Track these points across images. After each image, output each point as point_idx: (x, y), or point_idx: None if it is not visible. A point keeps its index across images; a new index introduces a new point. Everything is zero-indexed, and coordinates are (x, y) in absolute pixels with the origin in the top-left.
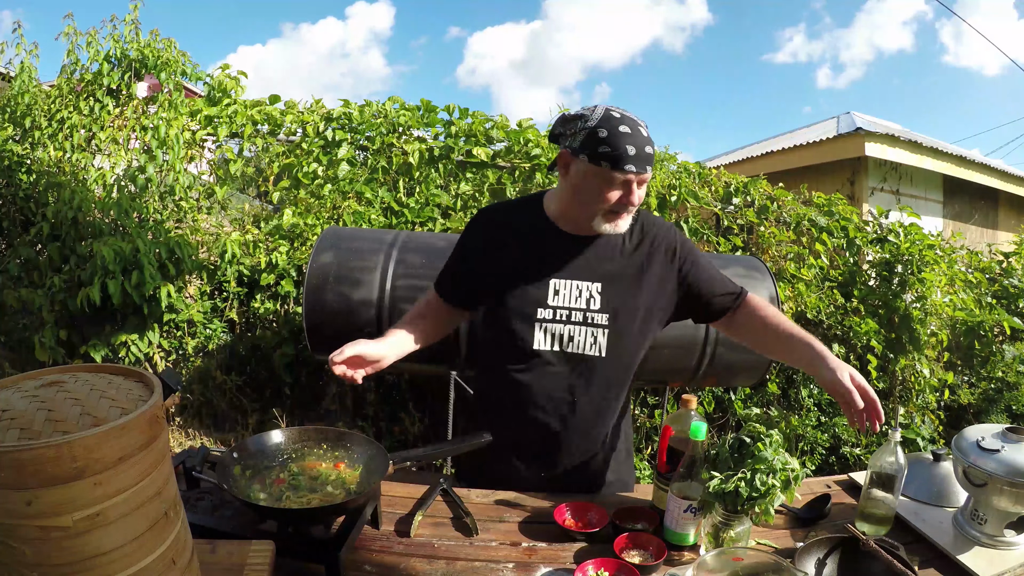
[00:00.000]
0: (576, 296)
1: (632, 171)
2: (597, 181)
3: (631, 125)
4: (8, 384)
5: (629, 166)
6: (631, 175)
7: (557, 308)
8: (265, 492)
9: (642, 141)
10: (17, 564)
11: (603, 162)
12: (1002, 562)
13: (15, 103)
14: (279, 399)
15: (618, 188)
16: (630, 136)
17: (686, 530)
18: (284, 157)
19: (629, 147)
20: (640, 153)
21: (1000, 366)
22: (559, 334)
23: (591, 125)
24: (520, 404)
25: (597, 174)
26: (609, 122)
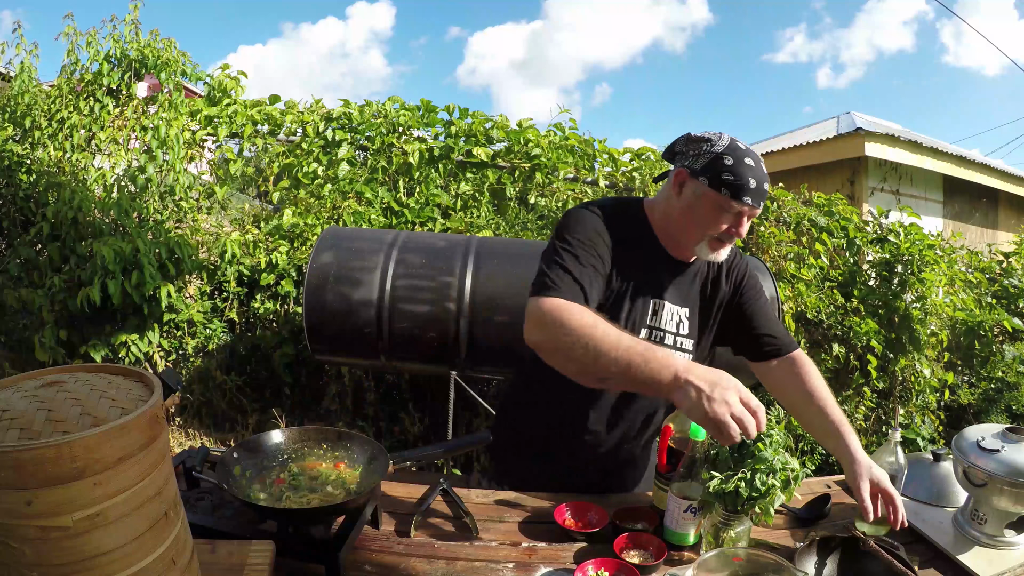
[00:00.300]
0: (669, 319)
1: (748, 203)
2: (712, 206)
3: (755, 159)
4: (8, 384)
5: (747, 198)
6: (746, 207)
7: (653, 328)
8: (265, 492)
9: (763, 176)
10: (17, 564)
11: (724, 189)
12: (1002, 562)
13: (15, 103)
14: (279, 399)
15: (730, 217)
16: (753, 169)
17: (686, 530)
18: (284, 157)
19: (751, 179)
20: (759, 188)
21: (1000, 366)
22: None
23: (717, 150)
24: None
25: (714, 200)
26: (735, 151)
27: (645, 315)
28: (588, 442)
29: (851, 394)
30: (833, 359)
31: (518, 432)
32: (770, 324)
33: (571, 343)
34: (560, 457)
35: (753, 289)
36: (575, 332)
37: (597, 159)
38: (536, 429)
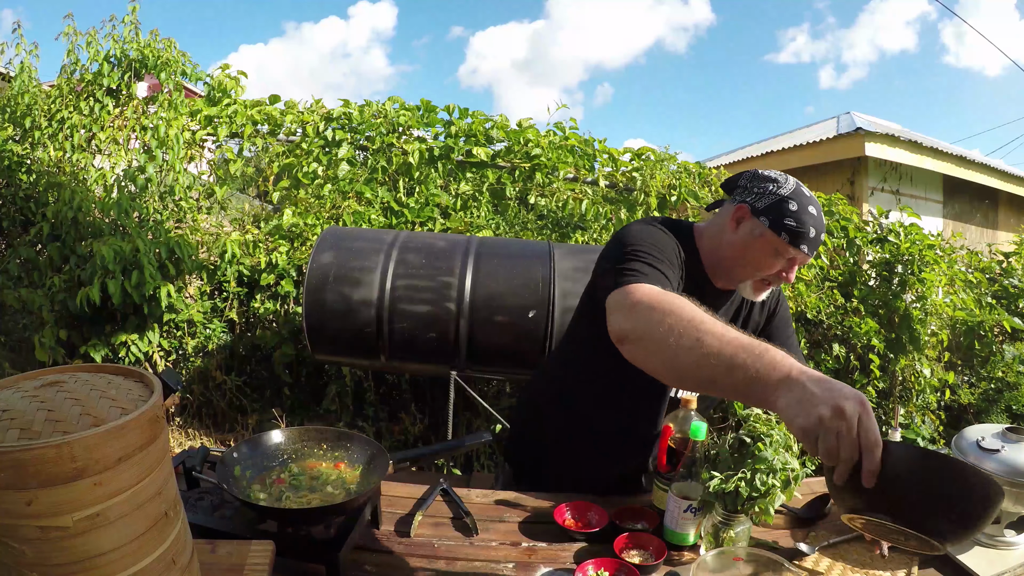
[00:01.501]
0: None
1: (805, 251)
2: (768, 248)
3: (817, 208)
4: (8, 384)
5: (804, 246)
6: (801, 255)
7: None
8: (265, 492)
9: (822, 226)
10: (17, 564)
11: (783, 233)
12: (1002, 562)
13: (15, 103)
14: (279, 399)
15: (783, 262)
16: (815, 218)
17: (686, 530)
18: (284, 157)
19: (812, 228)
20: (818, 237)
21: (1000, 366)
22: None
23: (783, 193)
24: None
25: (771, 242)
26: (800, 198)
27: None
28: (611, 445)
29: None
30: (833, 359)
31: (540, 435)
32: (790, 349)
33: (667, 330)
34: (582, 460)
35: (783, 320)
36: (675, 318)
37: (597, 159)
38: (559, 432)
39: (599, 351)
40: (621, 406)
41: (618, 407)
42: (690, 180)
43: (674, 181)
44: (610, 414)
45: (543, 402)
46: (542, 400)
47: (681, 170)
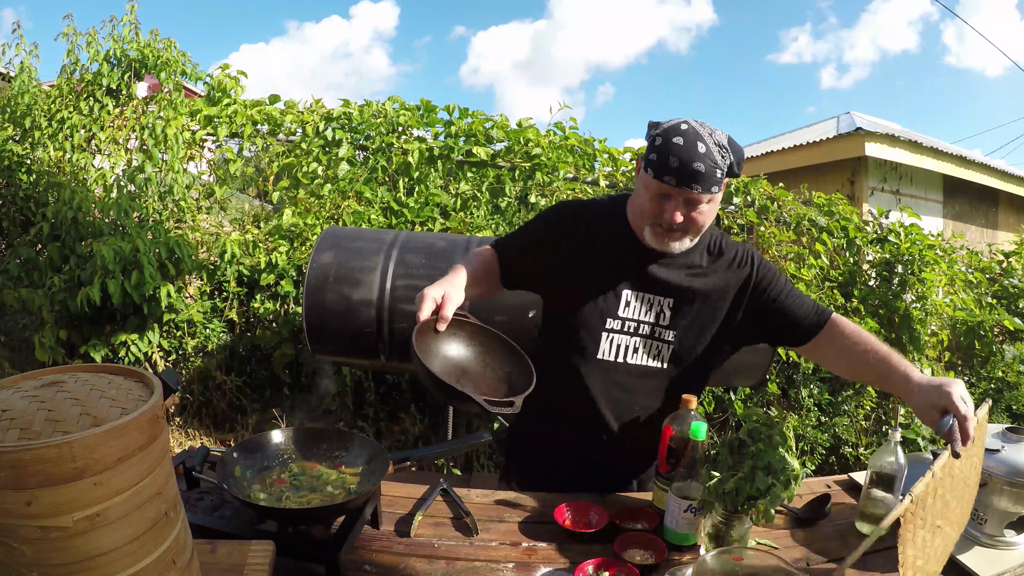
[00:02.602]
0: (647, 310)
1: (670, 183)
2: (644, 190)
3: (690, 139)
4: (8, 384)
5: (668, 177)
6: (669, 188)
7: (626, 320)
8: (265, 492)
9: (692, 156)
10: (17, 564)
11: (648, 169)
12: (1002, 562)
13: (15, 103)
14: (279, 399)
15: (658, 200)
16: (680, 148)
17: (686, 530)
18: (284, 157)
19: (673, 158)
20: (685, 167)
21: (1000, 366)
22: (624, 346)
23: (656, 132)
24: (574, 404)
25: (644, 182)
26: (670, 132)
27: (616, 307)
28: (590, 436)
29: (851, 394)
30: None
31: (527, 428)
32: (802, 305)
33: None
34: (568, 453)
35: (771, 277)
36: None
37: (597, 159)
38: (541, 424)
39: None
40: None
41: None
42: None
43: None
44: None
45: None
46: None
47: None
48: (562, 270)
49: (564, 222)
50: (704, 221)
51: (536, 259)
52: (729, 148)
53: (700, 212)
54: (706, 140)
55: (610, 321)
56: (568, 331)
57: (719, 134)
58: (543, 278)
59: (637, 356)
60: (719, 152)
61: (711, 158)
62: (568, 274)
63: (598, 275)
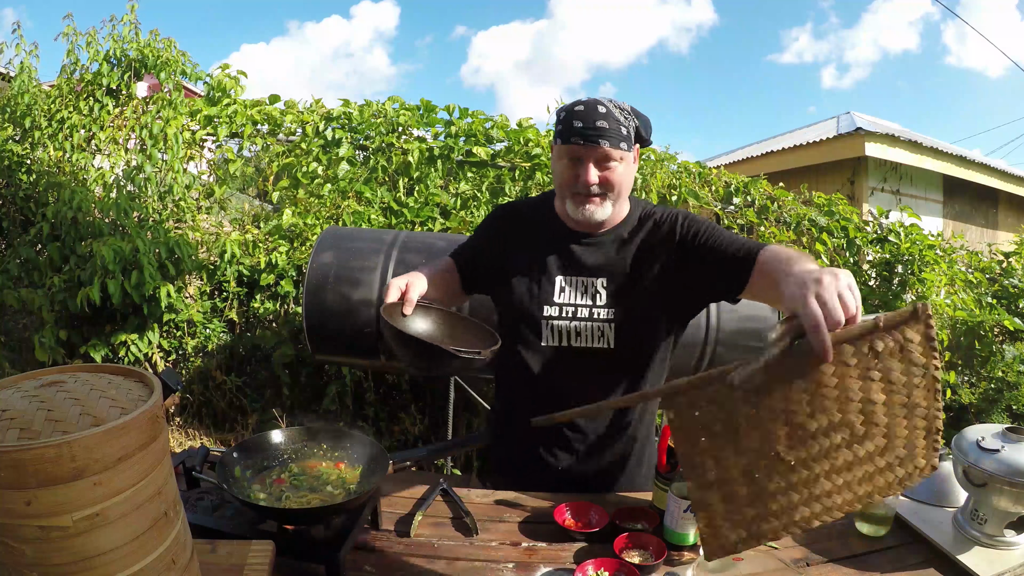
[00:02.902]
0: (582, 292)
1: (577, 143)
2: (557, 161)
3: (590, 104)
4: (8, 384)
5: (575, 138)
6: (577, 147)
7: (563, 305)
8: (265, 492)
9: (594, 116)
10: (17, 564)
11: (557, 139)
12: (1002, 562)
13: (15, 103)
14: (279, 399)
15: (570, 165)
16: (581, 112)
17: (686, 530)
18: (284, 157)
19: (576, 121)
20: (588, 125)
21: (1000, 366)
22: (565, 330)
23: (559, 110)
24: (533, 397)
25: (557, 152)
26: (572, 104)
27: (551, 294)
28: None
29: None
30: None
31: (498, 428)
32: (733, 242)
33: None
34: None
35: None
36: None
37: None
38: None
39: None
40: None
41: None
42: (690, 180)
43: (674, 181)
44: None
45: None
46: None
47: (681, 170)
48: (503, 267)
49: (499, 222)
50: (619, 180)
51: (483, 262)
52: (632, 114)
53: (613, 170)
54: (606, 104)
55: (547, 308)
56: (514, 325)
57: (620, 102)
58: (492, 279)
59: (581, 339)
60: (621, 113)
61: (613, 117)
62: (507, 270)
63: (532, 266)
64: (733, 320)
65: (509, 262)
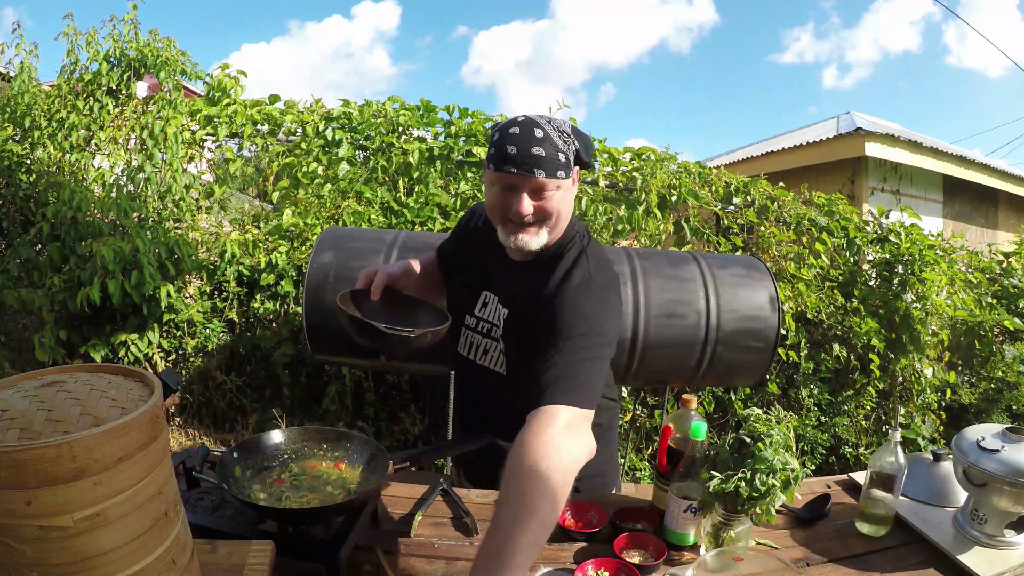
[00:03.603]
0: (494, 311)
1: (510, 171)
2: (490, 185)
3: (526, 126)
4: (8, 384)
5: (507, 166)
6: (512, 177)
7: (480, 319)
8: (265, 492)
9: (530, 142)
10: (17, 564)
11: (490, 164)
12: (1002, 562)
13: (15, 103)
14: (279, 399)
15: (503, 193)
16: (516, 136)
17: (686, 530)
18: (284, 157)
19: (510, 147)
20: (523, 154)
21: (1000, 366)
22: (475, 344)
23: (494, 129)
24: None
25: (490, 178)
26: (507, 125)
27: (474, 304)
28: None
29: (851, 394)
30: (833, 359)
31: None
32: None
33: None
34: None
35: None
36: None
37: (597, 159)
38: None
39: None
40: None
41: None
42: (690, 180)
43: (674, 181)
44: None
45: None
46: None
47: (681, 170)
48: (458, 264)
49: (468, 221)
50: (554, 208)
51: (455, 256)
52: (573, 135)
53: (548, 199)
54: (544, 127)
55: (468, 318)
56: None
57: (560, 122)
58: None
59: (486, 358)
60: (560, 137)
61: (551, 143)
62: (459, 268)
63: (472, 272)
64: (733, 320)
65: (462, 260)
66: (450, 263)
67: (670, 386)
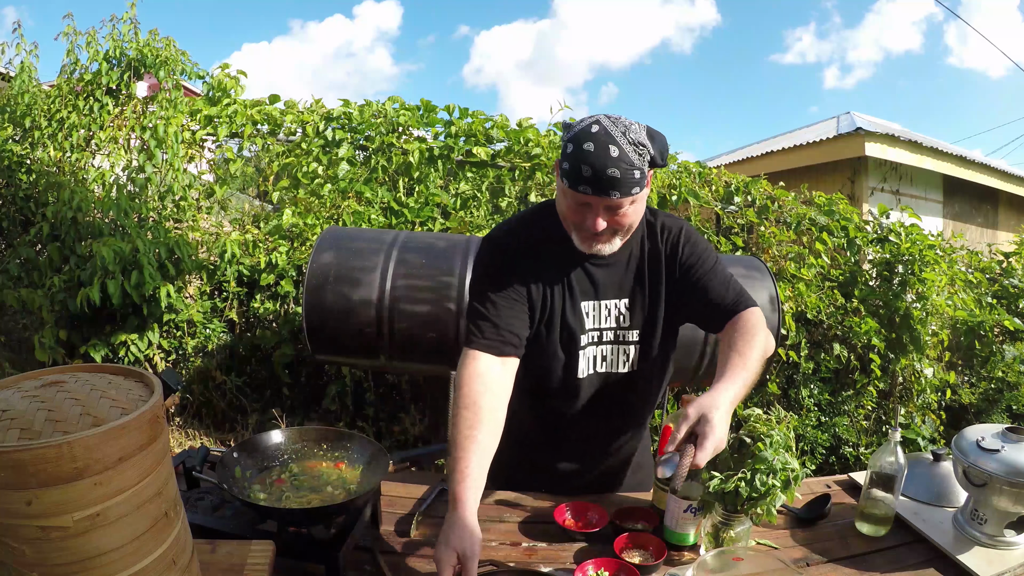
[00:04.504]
0: (606, 316)
1: (587, 192)
2: (563, 196)
3: (601, 142)
4: (8, 384)
5: (584, 187)
6: (586, 197)
7: (591, 331)
8: (265, 492)
9: (605, 162)
10: (17, 564)
11: (563, 178)
12: (1002, 562)
13: (15, 103)
14: (279, 399)
15: (578, 208)
16: (591, 155)
17: (686, 530)
18: (284, 157)
19: (585, 167)
20: (599, 175)
21: (1000, 366)
22: (594, 356)
23: (566, 138)
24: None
25: (563, 190)
26: (579, 136)
27: (581, 321)
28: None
29: (852, 394)
30: (834, 359)
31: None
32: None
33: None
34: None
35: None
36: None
37: None
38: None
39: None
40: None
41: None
42: (690, 180)
43: (674, 181)
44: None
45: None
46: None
47: (681, 170)
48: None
49: (504, 253)
50: (629, 222)
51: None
52: (648, 143)
53: (624, 215)
54: (618, 141)
55: (583, 337)
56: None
57: (635, 130)
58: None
59: (607, 364)
60: (635, 151)
61: (626, 160)
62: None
63: (558, 292)
64: None
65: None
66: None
67: (670, 386)
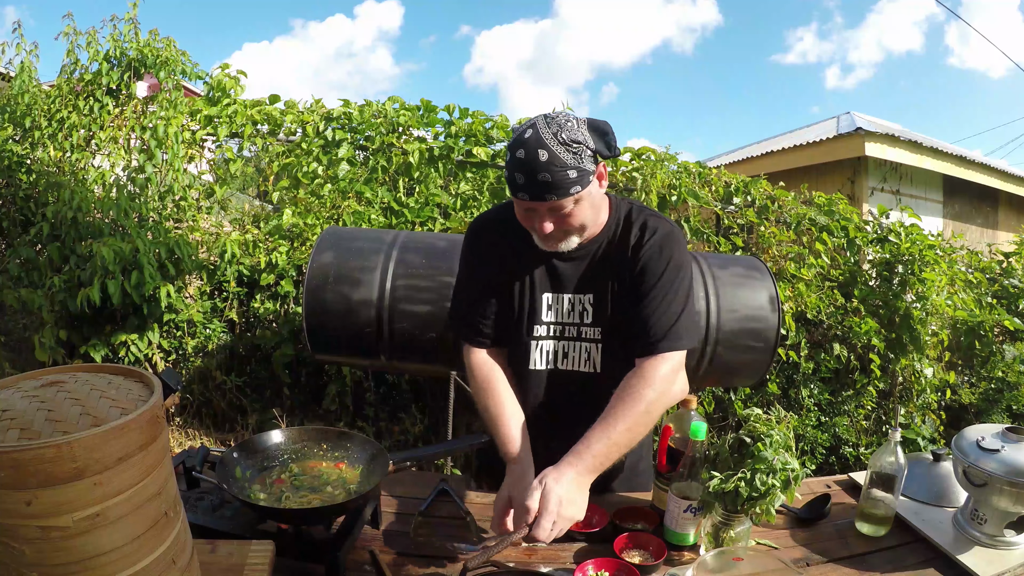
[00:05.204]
0: (569, 310)
1: (525, 198)
2: (514, 201)
3: (531, 148)
4: (8, 384)
5: (522, 194)
6: (527, 203)
7: (549, 324)
8: (265, 492)
9: (535, 167)
10: (17, 564)
11: (508, 184)
12: (1002, 562)
13: (15, 103)
14: (279, 399)
15: (525, 214)
16: (523, 162)
17: (686, 530)
18: (284, 157)
19: (519, 174)
20: (531, 181)
21: (1000, 366)
22: (551, 351)
23: (508, 144)
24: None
25: (511, 194)
26: (514, 144)
27: (536, 312)
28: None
29: (851, 394)
30: (834, 359)
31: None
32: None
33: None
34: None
35: (650, 268)
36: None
37: None
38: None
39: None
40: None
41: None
42: (690, 180)
43: (674, 181)
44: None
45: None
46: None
47: (681, 170)
48: (500, 282)
49: (481, 237)
50: (579, 221)
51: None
52: (585, 138)
53: (570, 214)
54: (548, 144)
55: (542, 328)
56: (509, 343)
57: (571, 127)
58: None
59: (568, 361)
60: (567, 150)
61: (557, 162)
62: (502, 285)
63: (519, 281)
64: (733, 320)
65: (502, 276)
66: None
67: None
